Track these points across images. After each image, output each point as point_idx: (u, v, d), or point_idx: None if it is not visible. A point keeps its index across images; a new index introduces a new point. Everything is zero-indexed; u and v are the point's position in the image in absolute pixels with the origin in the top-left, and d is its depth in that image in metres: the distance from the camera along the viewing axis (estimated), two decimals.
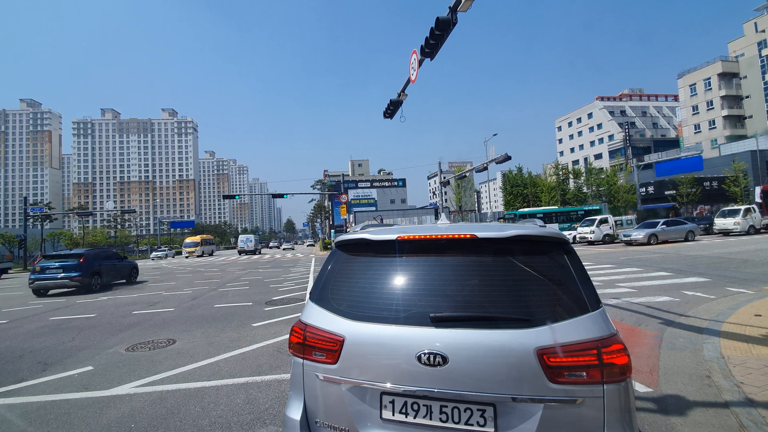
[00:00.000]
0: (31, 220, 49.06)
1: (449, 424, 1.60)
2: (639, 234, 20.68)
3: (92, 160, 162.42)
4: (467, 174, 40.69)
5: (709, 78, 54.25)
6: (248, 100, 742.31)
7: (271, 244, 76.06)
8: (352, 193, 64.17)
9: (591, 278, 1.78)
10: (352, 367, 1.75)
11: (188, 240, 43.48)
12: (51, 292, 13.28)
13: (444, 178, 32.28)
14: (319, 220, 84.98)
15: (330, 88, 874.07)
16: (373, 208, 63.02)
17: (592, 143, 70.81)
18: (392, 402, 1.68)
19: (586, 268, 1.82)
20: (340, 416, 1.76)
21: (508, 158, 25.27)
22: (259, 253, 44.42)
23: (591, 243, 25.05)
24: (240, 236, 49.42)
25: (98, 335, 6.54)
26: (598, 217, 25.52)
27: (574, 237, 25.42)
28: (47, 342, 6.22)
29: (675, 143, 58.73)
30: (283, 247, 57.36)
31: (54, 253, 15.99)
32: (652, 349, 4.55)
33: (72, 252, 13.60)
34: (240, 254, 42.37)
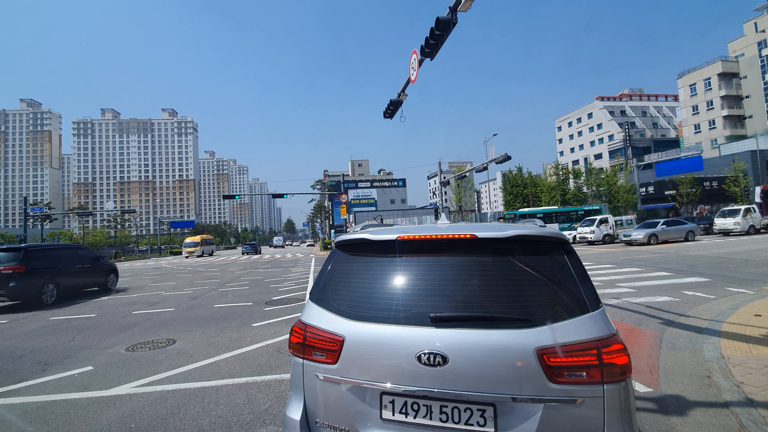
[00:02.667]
0: (31, 220, 49.04)
1: (449, 424, 1.60)
2: (639, 234, 20.69)
3: (92, 160, 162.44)
4: (467, 174, 40.66)
5: (709, 78, 54.26)
6: (248, 101, 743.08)
7: (285, 243, 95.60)
8: (352, 193, 64.22)
9: (591, 278, 1.78)
10: (352, 367, 1.75)
11: (188, 240, 43.30)
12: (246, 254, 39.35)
13: (444, 178, 32.24)
14: (319, 220, 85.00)
15: (330, 89, 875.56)
16: (373, 208, 63.05)
17: (592, 143, 70.80)
18: (392, 402, 1.68)
19: (586, 268, 1.82)
20: (340, 416, 1.76)
21: (508, 158, 25.24)
22: (284, 247, 70.71)
23: (591, 243, 25.05)
24: (275, 237, 79.49)
25: (98, 335, 6.54)
26: (598, 217, 25.52)
27: (574, 237, 25.43)
28: (47, 342, 6.21)
29: (675, 143, 58.74)
30: (293, 243, 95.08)
31: (246, 242, 60.33)
32: (652, 349, 4.55)
33: (251, 242, 57.56)
34: (275, 248, 68.88)
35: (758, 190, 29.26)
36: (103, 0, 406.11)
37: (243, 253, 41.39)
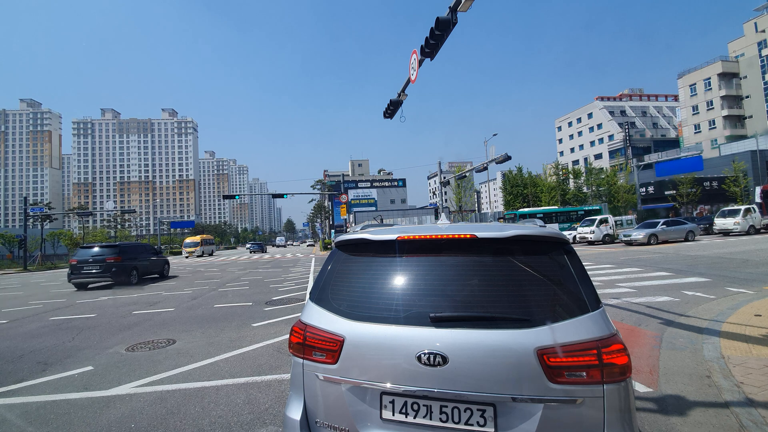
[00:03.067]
0: (31, 220, 49.04)
1: (449, 424, 1.60)
2: (639, 234, 20.69)
3: (92, 160, 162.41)
4: (467, 174, 40.65)
5: (709, 78, 54.26)
6: (248, 100, 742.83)
7: (287, 243, 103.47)
8: (352, 193, 64.25)
9: (591, 278, 1.78)
10: (352, 367, 1.75)
11: (188, 240, 43.25)
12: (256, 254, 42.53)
13: (444, 178, 32.22)
14: (319, 220, 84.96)
15: (330, 88, 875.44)
16: (373, 208, 63.07)
17: (592, 143, 70.80)
18: (392, 402, 1.68)
19: (586, 268, 1.82)
20: (340, 416, 1.76)
21: (508, 158, 25.22)
22: (286, 246, 77.50)
23: (591, 243, 25.05)
24: (278, 238, 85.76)
25: (98, 335, 6.54)
26: (598, 217, 25.53)
27: (574, 237, 25.43)
28: (47, 342, 6.22)
29: (675, 143, 58.75)
30: (293, 244, 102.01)
31: (254, 242, 56.17)
32: (652, 349, 4.55)
33: (258, 242, 56.64)
34: (277, 247, 76.38)
35: (758, 190, 29.27)
36: (103, 0, 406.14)
37: (251, 252, 47.67)
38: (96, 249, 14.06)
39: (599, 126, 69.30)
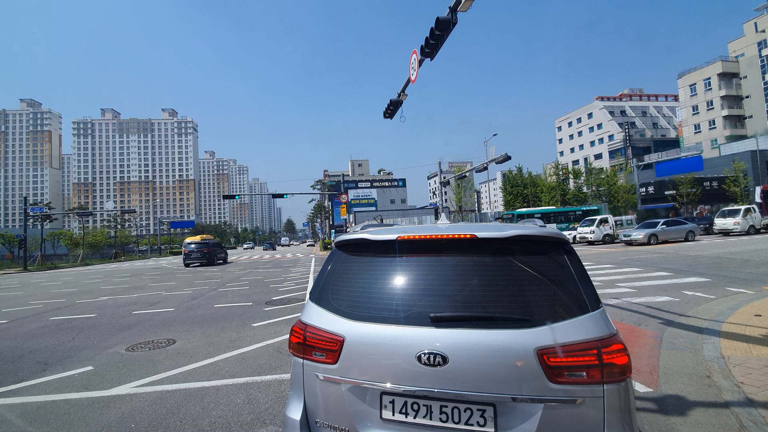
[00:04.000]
0: (31, 220, 49.02)
1: (449, 424, 1.60)
2: (639, 234, 20.69)
3: (92, 160, 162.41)
4: (467, 174, 40.63)
5: (709, 78, 54.27)
6: (248, 101, 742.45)
7: (290, 242, 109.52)
8: (352, 193, 64.28)
9: (591, 278, 1.78)
10: (352, 367, 1.75)
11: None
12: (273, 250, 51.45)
13: (444, 178, 32.20)
14: (319, 220, 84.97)
15: (330, 89, 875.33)
16: (373, 208, 63.11)
17: (592, 143, 70.80)
18: (392, 402, 1.68)
19: (586, 268, 1.82)
20: (340, 416, 1.76)
21: (508, 158, 25.21)
22: (290, 246, 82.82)
23: (591, 243, 25.06)
24: (282, 238, 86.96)
25: (98, 335, 6.54)
26: (598, 217, 25.53)
27: (574, 237, 25.43)
28: (47, 342, 6.21)
29: (675, 143, 58.75)
30: (293, 244, 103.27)
31: (266, 242, 77.34)
32: (652, 349, 4.55)
33: (269, 242, 76.95)
34: (282, 246, 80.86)
35: (758, 190, 29.33)
36: (103, 0, 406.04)
37: (264, 249, 55.55)
38: (195, 245, 23.81)
39: (599, 126, 69.30)
